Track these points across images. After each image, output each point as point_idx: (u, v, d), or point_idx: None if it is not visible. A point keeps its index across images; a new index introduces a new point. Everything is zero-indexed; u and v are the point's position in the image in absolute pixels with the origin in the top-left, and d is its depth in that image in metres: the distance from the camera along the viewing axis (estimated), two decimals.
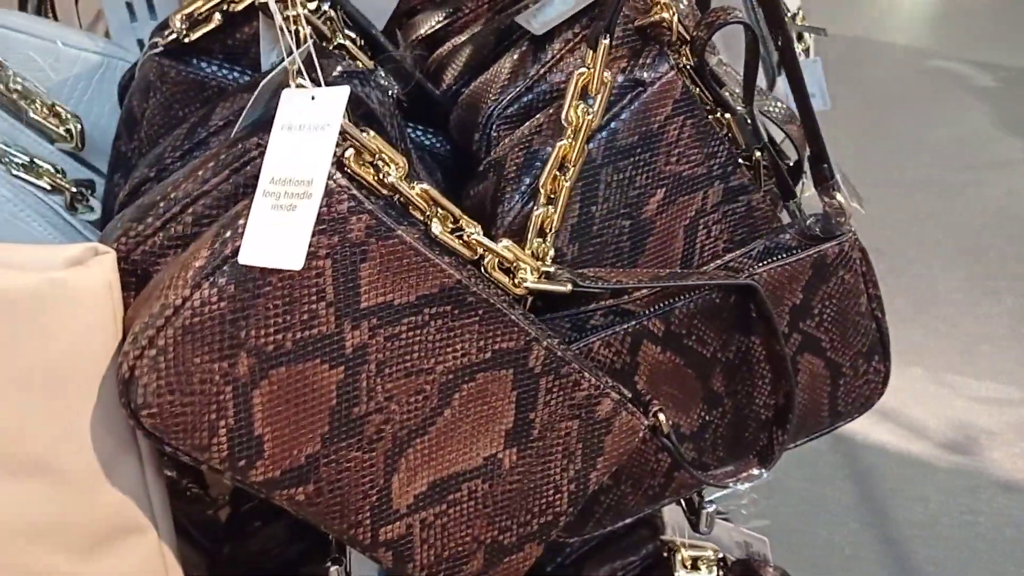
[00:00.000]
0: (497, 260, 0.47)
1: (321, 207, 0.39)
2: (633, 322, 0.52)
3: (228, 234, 0.40)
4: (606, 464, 0.50)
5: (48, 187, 0.57)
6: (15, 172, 0.56)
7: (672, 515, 0.69)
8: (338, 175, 0.40)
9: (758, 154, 0.57)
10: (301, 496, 0.43)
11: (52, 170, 0.57)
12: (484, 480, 0.47)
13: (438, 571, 0.47)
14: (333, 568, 0.55)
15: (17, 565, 0.42)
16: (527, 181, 0.50)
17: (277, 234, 0.38)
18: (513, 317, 0.45)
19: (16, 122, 0.58)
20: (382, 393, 0.44)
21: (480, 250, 0.46)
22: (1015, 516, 1.47)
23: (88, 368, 0.41)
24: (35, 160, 0.57)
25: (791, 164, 0.61)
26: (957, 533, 1.47)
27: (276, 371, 0.41)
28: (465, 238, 0.45)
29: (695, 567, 0.67)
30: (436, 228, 0.44)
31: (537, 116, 0.52)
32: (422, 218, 0.44)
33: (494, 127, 0.54)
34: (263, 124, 0.45)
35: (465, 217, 0.45)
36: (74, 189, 0.57)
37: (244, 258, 0.39)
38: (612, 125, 0.51)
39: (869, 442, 1.63)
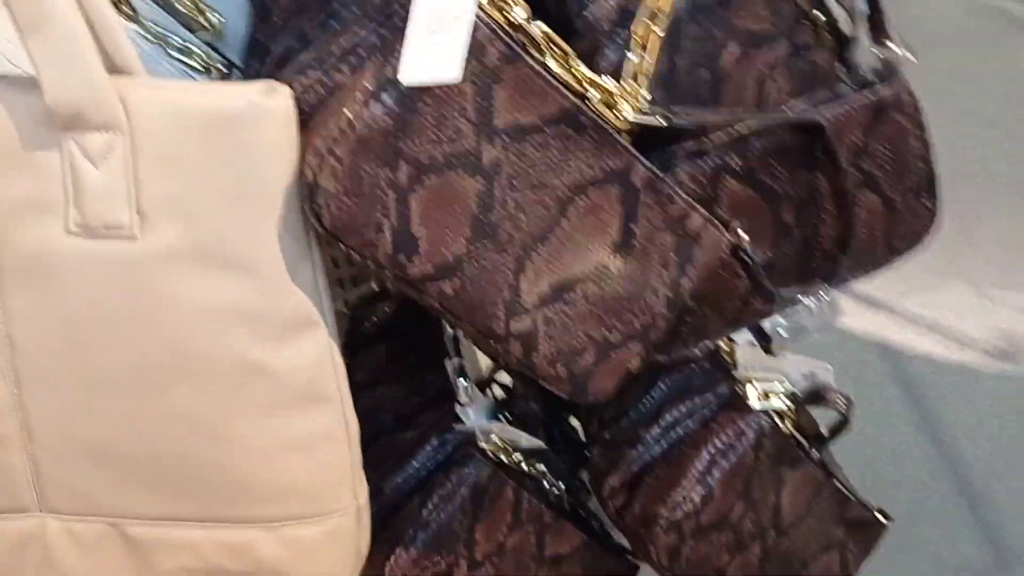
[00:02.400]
0: (601, 95, 0.55)
1: None
2: (716, 157, 0.60)
3: (390, 61, 0.48)
4: (696, 274, 0.58)
5: (201, 68, 0.66)
6: (172, 53, 0.65)
7: (743, 358, 0.78)
8: (477, 9, 0.48)
9: (818, 15, 0.65)
10: (449, 290, 0.52)
11: (201, 52, 0.66)
12: (595, 283, 0.56)
13: (558, 361, 0.56)
14: (453, 360, 0.64)
15: (222, 345, 0.51)
16: (622, 33, 0.58)
17: (433, 55, 0.47)
18: (620, 139, 0.54)
19: (165, 12, 0.67)
20: (512, 203, 0.52)
21: (587, 85, 0.54)
22: None
23: (277, 181, 0.50)
24: (188, 44, 0.66)
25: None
26: (1005, 433, 1.53)
27: (429, 179, 0.50)
28: (575, 74, 0.54)
29: (766, 397, 0.75)
30: (552, 63, 0.52)
31: None
32: (539, 55, 0.52)
33: None
34: None
35: (575, 56, 0.54)
36: (224, 69, 0.66)
37: (405, 78, 0.47)
38: None
39: (917, 351, 1.69)
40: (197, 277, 0.50)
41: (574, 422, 0.93)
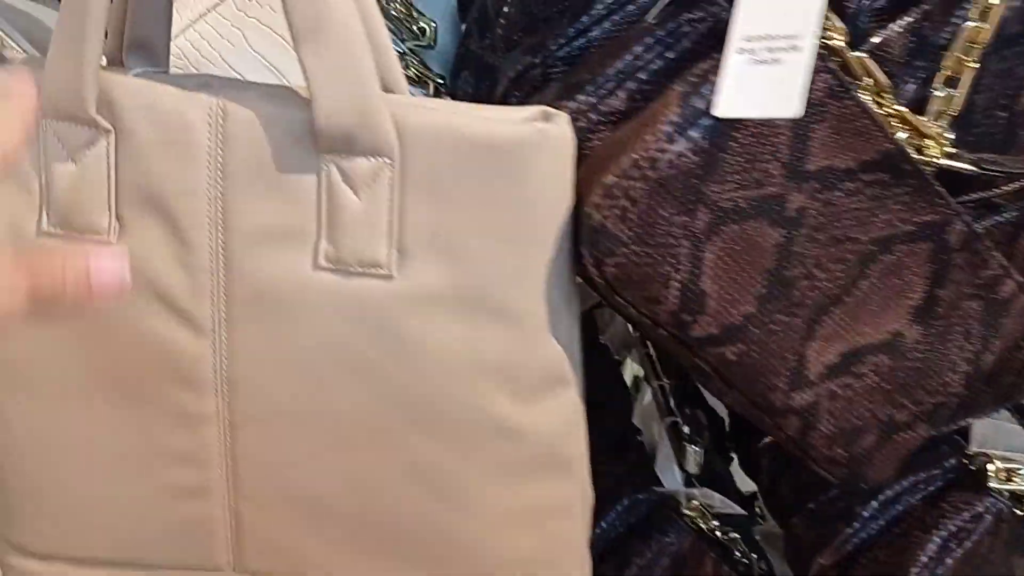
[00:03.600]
0: (910, 136, 0.47)
1: None
2: (1012, 212, 0.52)
3: (701, 91, 0.41)
4: (1000, 347, 0.50)
5: (415, 78, 0.60)
6: None
7: (980, 432, 0.69)
8: (820, 35, 0.41)
9: None
10: (731, 355, 0.45)
11: (417, 62, 0.60)
12: (888, 355, 0.48)
13: (837, 443, 0.49)
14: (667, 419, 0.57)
15: (471, 400, 0.45)
16: (919, 65, 0.50)
17: (761, 86, 0.40)
18: (940, 190, 0.46)
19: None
20: (811, 258, 0.45)
21: (898, 125, 0.46)
22: None
23: (549, 220, 0.43)
24: (404, 53, 0.60)
25: None
26: None
27: (728, 228, 0.43)
28: (888, 111, 0.46)
29: (1010, 479, 0.66)
30: (865, 97, 0.45)
31: (923, 4, 0.52)
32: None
33: (865, 20, 0.54)
34: (684, 2, 0.46)
35: (889, 89, 0.46)
36: (439, 80, 0.60)
37: (722, 111, 0.40)
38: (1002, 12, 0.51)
39: None
40: (452, 323, 0.43)
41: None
